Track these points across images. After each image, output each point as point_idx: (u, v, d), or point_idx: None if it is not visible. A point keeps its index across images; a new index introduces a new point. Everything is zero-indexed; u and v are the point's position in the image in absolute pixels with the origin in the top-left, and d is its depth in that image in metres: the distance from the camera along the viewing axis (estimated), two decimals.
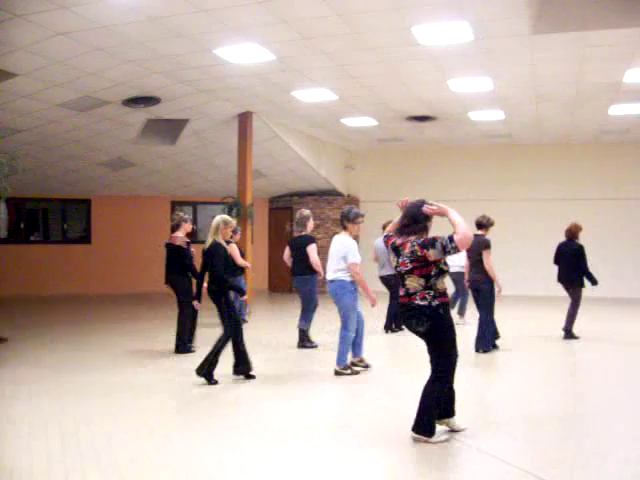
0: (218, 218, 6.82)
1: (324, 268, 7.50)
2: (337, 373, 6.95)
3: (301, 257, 8.58)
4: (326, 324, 9.62)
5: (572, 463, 4.33)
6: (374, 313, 8.58)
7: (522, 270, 15.92)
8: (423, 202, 4.76)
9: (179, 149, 14.29)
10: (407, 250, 4.63)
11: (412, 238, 4.64)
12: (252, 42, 8.60)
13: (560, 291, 9.75)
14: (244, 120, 12.75)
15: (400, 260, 4.69)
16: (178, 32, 8.13)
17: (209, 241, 6.75)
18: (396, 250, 4.75)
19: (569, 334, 9.41)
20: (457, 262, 10.01)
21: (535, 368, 7.70)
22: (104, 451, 4.49)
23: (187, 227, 8.57)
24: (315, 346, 8.77)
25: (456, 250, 4.45)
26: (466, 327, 9.93)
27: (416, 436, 4.64)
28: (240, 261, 10.55)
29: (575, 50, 8.97)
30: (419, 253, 4.54)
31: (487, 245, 8.23)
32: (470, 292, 8.98)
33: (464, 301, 10.96)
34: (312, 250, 8.49)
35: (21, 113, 11.12)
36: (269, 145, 14.26)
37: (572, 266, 9.39)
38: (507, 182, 16.63)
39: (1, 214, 16.71)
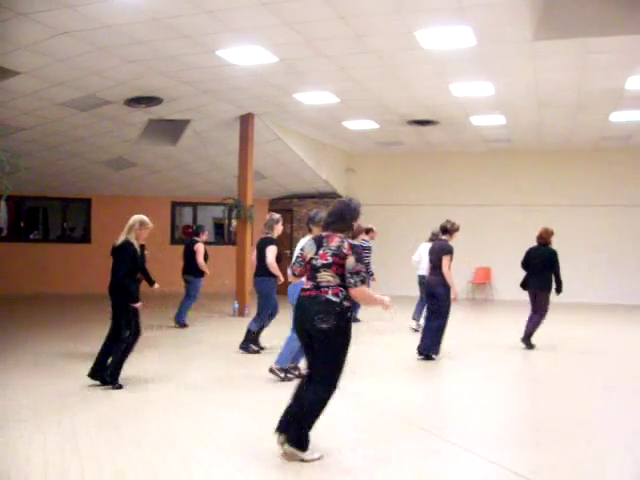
0: (135, 217, 6.58)
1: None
2: (271, 371, 6.78)
3: (261, 259, 8.34)
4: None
5: (556, 466, 4.35)
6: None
7: (519, 274, 15.94)
8: (350, 200, 4.66)
9: (180, 150, 14.30)
10: (334, 243, 4.38)
11: (341, 235, 4.46)
12: (255, 44, 8.62)
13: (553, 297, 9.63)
14: (245, 122, 12.77)
15: (321, 252, 4.41)
16: (181, 33, 8.15)
17: (120, 239, 6.50)
18: (319, 241, 4.49)
19: (528, 342, 9.18)
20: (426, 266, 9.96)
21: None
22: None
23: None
24: (257, 351, 8.50)
25: (350, 284, 4.29)
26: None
27: (290, 450, 4.31)
28: (200, 261, 10.53)
29: (577, 56, 8.99)
30: (345, 251, 4.33)
31: (448, 251, 8.21)
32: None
33: (422, 305, 10.62)
34: (269, 251, 8.22)
35: (23, 111, 11.13)
36: (270, 147, 14.27)
37: (544, 272, 9.17)
38: (507, 187, 16.63)
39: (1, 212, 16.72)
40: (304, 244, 4.72)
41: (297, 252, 6.68)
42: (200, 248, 10.58)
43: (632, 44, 8.36)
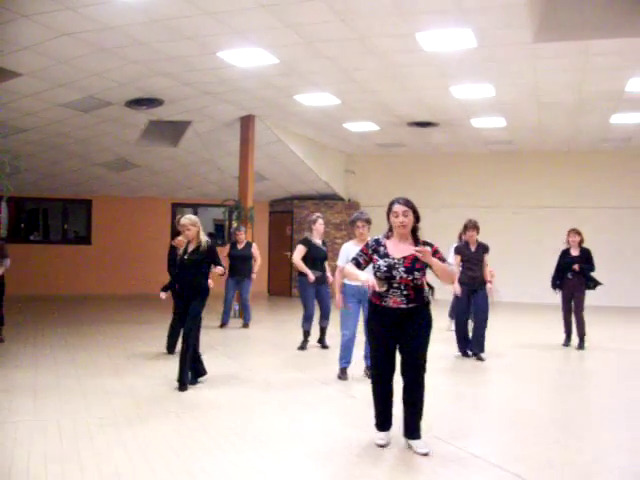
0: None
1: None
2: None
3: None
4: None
5: (561, 468, 4.35)
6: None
7: (522, 277, 15.97)
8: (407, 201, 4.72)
9: (181, 151, 14.32)
10: None
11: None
12: (256, 46, 8.63)
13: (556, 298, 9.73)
14: (246, 123, 12.78)
15: None
16: (182, 34, 8.17)
17: None
18: None
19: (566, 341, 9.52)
20: None
21: (530, 374, 7.70)
22: (103, 456, 4.50)
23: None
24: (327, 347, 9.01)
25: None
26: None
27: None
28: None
29: (577, 58, 9.00)
30: None
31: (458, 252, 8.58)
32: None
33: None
34: (296, 250, 8.80)
35: (25, 112, 11.14)
36: (271, 148, 14.29)
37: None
38: (507, 189, 16.64)
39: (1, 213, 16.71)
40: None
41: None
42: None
43: (632, 46, 8.37)
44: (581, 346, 9.26)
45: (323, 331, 9.09)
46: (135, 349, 8.76)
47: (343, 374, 7.02)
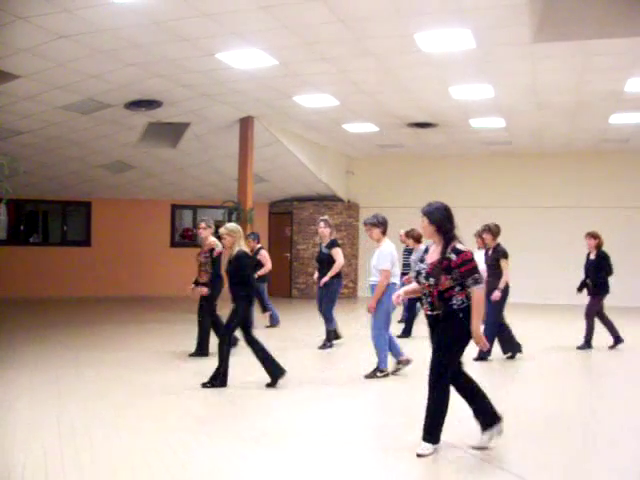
0: None
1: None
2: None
3: None
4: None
5: (563, 468, 4.34)
6: None
7: (519, 278, 15.94)
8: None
9: (180, 153, 14.31)
10: None
11: None
12: (254, 47, 8.62)
13: (557, 299, 9.73)
14: (245, 125, 12.77)
15: None
16: (181, 36, 8.16)
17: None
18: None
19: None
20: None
21: (534, 375, 7.71)
22: (104, 454, 4.49)
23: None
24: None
25: None
26: None
27: None
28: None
29: (576, 59, 8.99)
30: None
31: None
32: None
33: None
34: None
35: (23, 115, 11.13)
36: (270, 150, 14.28)
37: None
38: (506, 189, 16.64)
39: (1, 215, 16.68)
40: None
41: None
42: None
43: (631, 46, 8.36)
44: (582, 347, 9.24)
45: (326, 334, 9.14)
46: (134, 349, 8.76)
47: (377, 371, 7.16)
